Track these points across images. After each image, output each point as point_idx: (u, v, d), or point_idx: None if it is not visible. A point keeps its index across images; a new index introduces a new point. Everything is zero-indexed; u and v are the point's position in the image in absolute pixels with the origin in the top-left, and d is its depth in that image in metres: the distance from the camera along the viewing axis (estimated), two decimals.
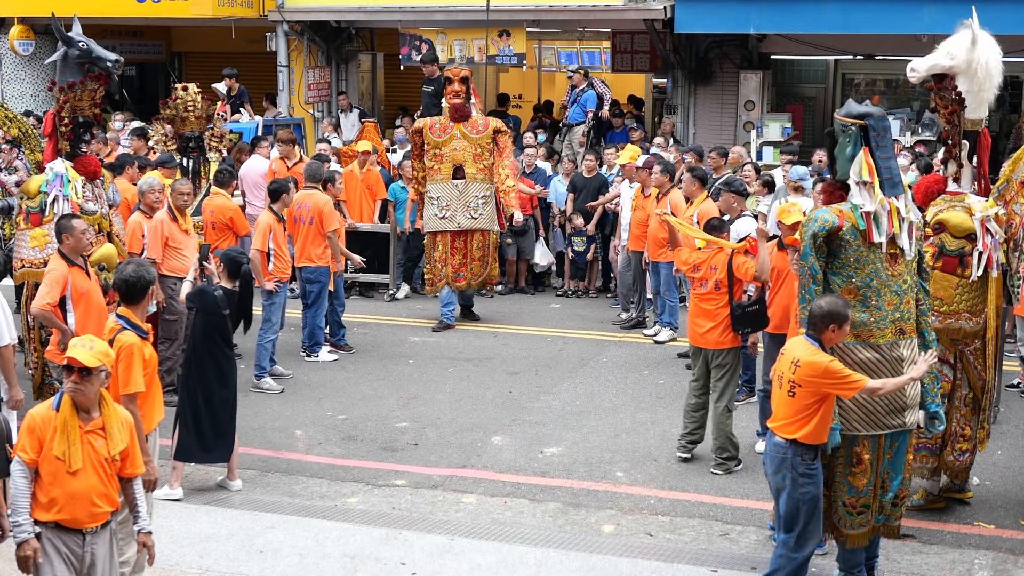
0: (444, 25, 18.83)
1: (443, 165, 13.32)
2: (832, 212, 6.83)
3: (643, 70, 20.67)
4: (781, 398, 6.66)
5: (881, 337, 6.84)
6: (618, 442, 9.86)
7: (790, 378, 6.57)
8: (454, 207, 13.29)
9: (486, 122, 13.60)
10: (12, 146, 14.35)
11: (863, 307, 6.84)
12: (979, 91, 7.47)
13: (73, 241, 8.49)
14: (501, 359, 12.42)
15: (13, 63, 21.71)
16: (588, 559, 7.57)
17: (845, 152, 6.96)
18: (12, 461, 5.67)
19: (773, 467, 6.70)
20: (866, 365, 6.80)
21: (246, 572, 7.34)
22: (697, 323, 9.42)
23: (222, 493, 8.78)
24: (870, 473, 6.87)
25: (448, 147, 13.33)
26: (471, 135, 13.35)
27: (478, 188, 13.32)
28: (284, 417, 10.50)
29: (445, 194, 13.29)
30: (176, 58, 25.33)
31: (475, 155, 13.33)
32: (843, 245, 6.83)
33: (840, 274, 6.88)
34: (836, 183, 7.14)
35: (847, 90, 20.78)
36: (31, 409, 5.81)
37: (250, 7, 19.77)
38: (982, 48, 7.45)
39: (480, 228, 13.39)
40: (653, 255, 12.81)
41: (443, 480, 9.08)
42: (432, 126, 13.42)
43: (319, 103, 20.57)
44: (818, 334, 6.60)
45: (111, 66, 9.53)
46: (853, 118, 6.93)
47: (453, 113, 13.38)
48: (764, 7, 16.37)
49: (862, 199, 6.82)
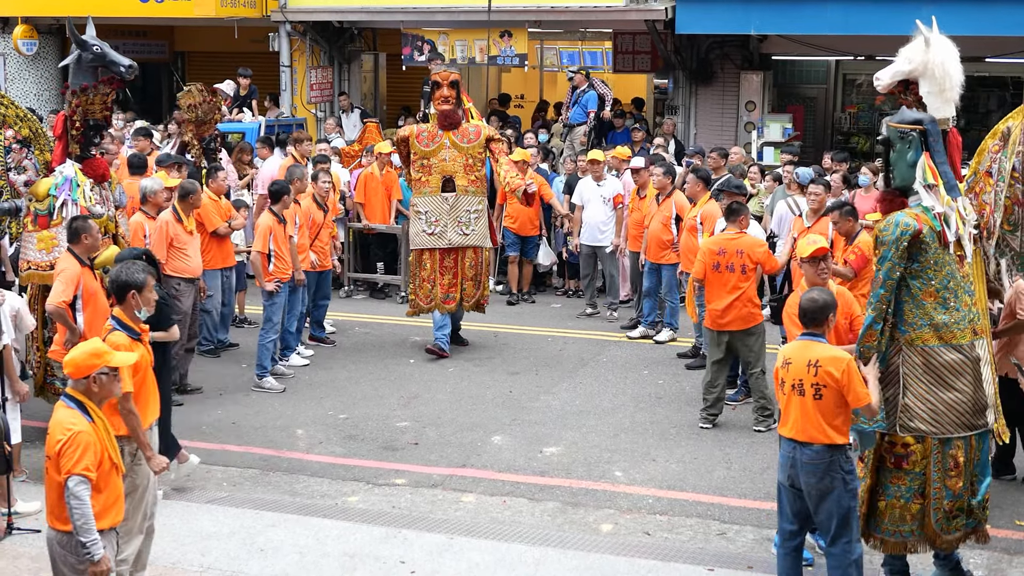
0: (446, 25, 18.88)
1: (431, 177, 12.20)
2: (909, 216, 6.77)
3: (644, 71, 20.71)
4: (805, 405, 6.52)
5: (962, 338, 6.81)
6: (617, 442, 9.91)
7: (813, 381, 6.48)
8: (444, 222, 12.16)
9: (478, 129, 12.37)
10: (22, 146, 14.40)
11: (943, 309, 6.79)
12: (940, 91, 7.53)
13: (91, 241, 8.65)
14: (501, 359, 12.47)
15: (17, 62, 21.77)
16: (586, 558, 7.61)
17: (905, 158, 6.93)
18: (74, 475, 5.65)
19: (818, 475, 6.50)
20: (951, 367, 6.77)
21: (247, 570, 7.40)
22: (719, 308, 10.05)
23: (223, 492, 8.84)
24: (965, 475, 6.86)
25: (437, 157, 12.19)
26: (462, 144, 12.20)
27: (469, 202, 12.25)
28: (285, 416, 10.56)
29: (434, 208, 12.17)
30: (179, 58, 25.38)
31: (466, 166, 12.22)
32: (923, 248, 6.76)
33: (920, 277, 6.81)
34: (894, 190, 7.10)
35: (848, 91, 20.86)
36: (61, 423, 5.74)
37: (253, 7, 19.83)
38: (936, 49, 7.52)
39: (472, 245, 12.29)
40: (655, 257, 12.86)
41: (443, 479, 9.13)
42: (419, 134, 12.26)
43: (321, 103, 20.63)
44: (821, 329, 6.59)
45: (124, 71, 9.53)
46: (910, 124, 6.94)
47: (442, 120, 12.19)
48: (765, 8, 16.41)
49: (932, 201, 6.81)
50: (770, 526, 8.19)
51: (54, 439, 5.68)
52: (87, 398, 5.81)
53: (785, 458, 6.72)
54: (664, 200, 12.74)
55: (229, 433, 10.14)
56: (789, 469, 6.69)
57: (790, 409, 6.64)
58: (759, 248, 10.13)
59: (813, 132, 20.39)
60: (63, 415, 5.77)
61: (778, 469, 6.86)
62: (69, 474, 5.60)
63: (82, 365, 5.80)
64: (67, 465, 5.61)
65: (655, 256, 12.86)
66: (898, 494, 6.88)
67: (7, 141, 10.39)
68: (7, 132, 9.77)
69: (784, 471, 6.74)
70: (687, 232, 12.09)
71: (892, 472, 6.91)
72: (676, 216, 12.60)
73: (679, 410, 10.71)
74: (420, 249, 12.31)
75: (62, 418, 5.75)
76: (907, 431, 6.81)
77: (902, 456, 6.87)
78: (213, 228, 11.96)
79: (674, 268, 12.81)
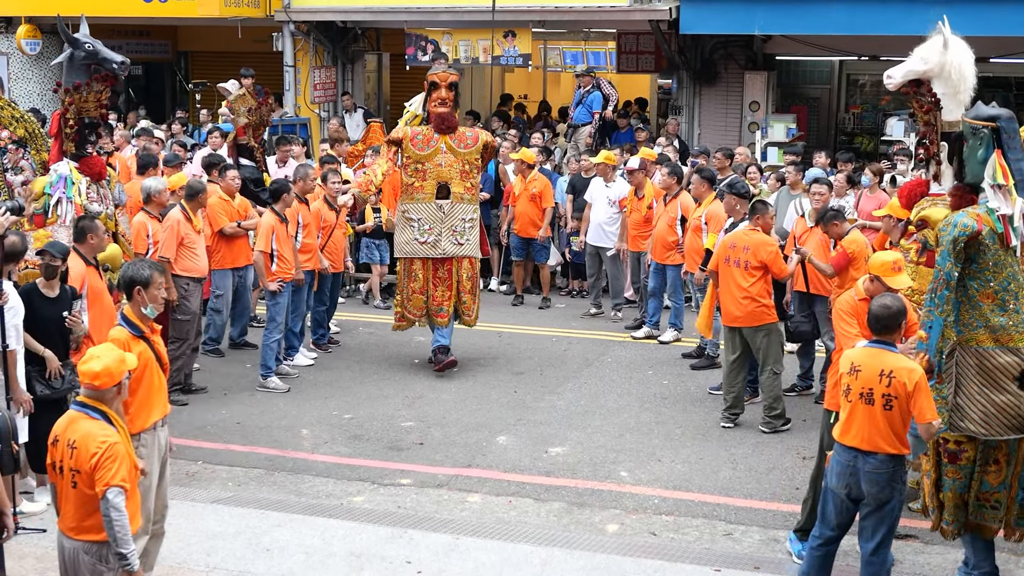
0: (450, 26, 18.86)
1: (426, 182, 11.57)
2: (970, 216, 6.69)
3: (648, 71, 20.68)
4: (873, 414, 6.41)
5: (1020, 340, 6.74)
6: (622, 442, 9.90)
7: (884, 392, 6.38)
8: (438, 231, 11.54)
9: (475, 134, 11.86)
10: (18, 146, 14.42)
11: (1001, 311, 6.72)
12: (955, 93, 7.53)
13: (97, 241, 8.67)
14: (506, 359, 12.47)
15: (20, 62, 21.76)
16: (592, 558, 7.61)
17: (976, 155, 6.87)
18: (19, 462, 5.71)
19: (880, 484, 6.46)
20: (1006, 369, 6.71)
21: (253, 570, 7.39)
22: (727, 305, 10.16)
23: (228, 492, 8.84)
24: (1006, 473, 6.85)
25: (432, 162, 11.55)
26: (458, 149, 11.61)
27: (464, 210, 11.64)
28: (290, 416, 10.56)
29: (427, 216, 11.54)
30: (182, 58, 25.38)
31: (462, 172, 11.62)
32: (982, 249, 6.69)
33: (978, 278, 6.74)
34: (965, 186, 7.06)
35: (852, 91, 20.84)
36: (94, 436, 5.63)
37: (256, 7, 19.82)
38: (954, 51, 7.50)
39: (467, 255, 11.72)
40: (660, 258, 12.86)
41: (448, 479, 9.13)
42: (414, 137, 11.59)
43: (325, 103, 20.63)
44: (893, 337, 6.48)
45: (117, 67, 9.55)
46: (984, 120, 6.85)
47: (438, 123, 11.57)
48: (769, 8, 16.39)
49: (998, 202, 6.73)
50: (777, 527, 8.20)
51: (88, 452, 5.57)
52: (107, 405, 5.76)
53: (844, 466, 6.58)
54: (670, 201, 12.74)
55: (234, 433, 10.14)
56: (848, 478, 6.55)
57: (855, 417, 6.51)
58: (767, 248, 10.10)
59: (817, 132, 20.36)
60: (92, 427, 5.66)
61: (831, 476, 6.70)
62: (108, 486, 5.54)
63: (115, 372, 5.74)
64: (105, 477, 5.55)
65: (660, 257, 12.86)
66: (954, 487, 6.91)
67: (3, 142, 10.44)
68: (2, 133, 9.78)
69: (842, 479, 6.59)
70: (692, 232, 12.09)
71: (947, 466, 6.92)
72: (681, 217, 12.61)
73: (684, 410, 10.70)
74: (410, 258, 11.70)
75: (93, 431, 5.64)
76: (956, 430, 6.78)
77: (956, 452, 6.87)
78: (219, 227, 11.96)
79: (679, 269, 12.81)
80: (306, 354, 12.26)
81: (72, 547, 5.75)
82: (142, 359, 6.69)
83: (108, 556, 5.66)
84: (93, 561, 5.70)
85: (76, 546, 5.73)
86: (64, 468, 5.67)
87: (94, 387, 5.72)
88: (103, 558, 5.68)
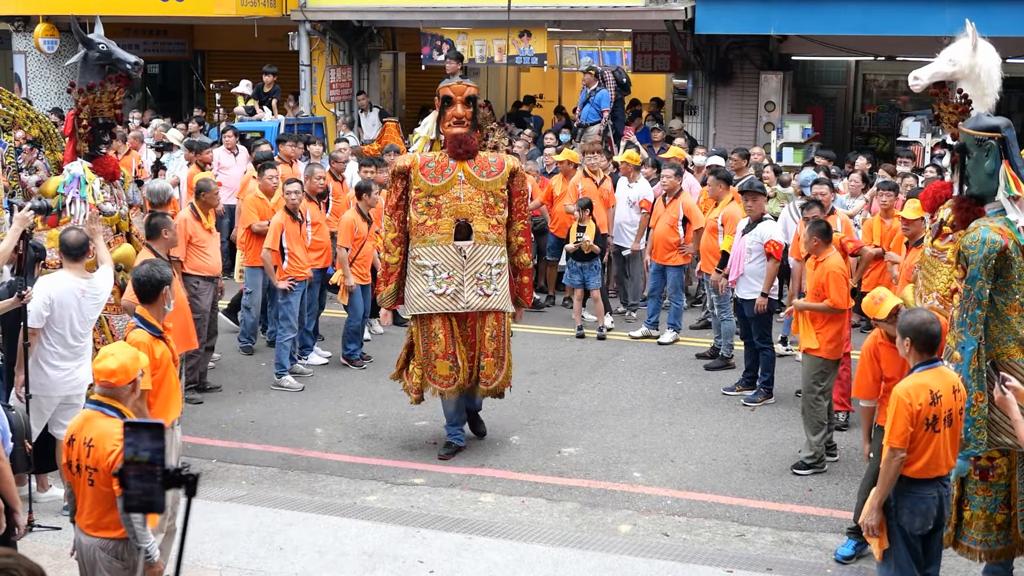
0: (465, 25, 18.90)
1: (442, 220, 9.24)
2: (994, 231, 6.57)
3: (664, 71, 20.70)
4: (952, 432, 6.04)
5: None
6: (635, 442, 9.90)
7: (959, 407, 6.06)
8: (458, 279, 9.21)
9: (500, 160, 9.45)
10: (33, 146, 14.50)
11: None
12: (982, 96, 7.50)
13: (170, 235, 9.25)
14: (519, 358, 12.38)
15: (38, 61, 21.89)
16: (605, 559, 7.61)
17: (983, 166, 6.77)
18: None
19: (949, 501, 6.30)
20: None
21: (266, 569, 7.42)
22: None
23: (242, 490, 8.88)
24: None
25: (448, 195, 9.23)
26: (480, 178, 9.30)
27: (490, 253, 9.32)
28: (304, 415, 10.59)
29: (444, 261, 9.22)
30: (199, 57, 25.50)
31: (486, 206, 9.30)
32: (1008, 263, 6.60)
33: (1004, 292, 6.63)
34: (971, 198, 6.94)
35: (867, 91, 20.80)
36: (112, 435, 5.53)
37: (273, 6, 19.90)
38: (983, 54, 7.47)
39: (495, 309, 9.36)
40: (661, 258, 12.86)
41: (461, 479, 9.14)
42: (424, 165, 9.28)
43: (341, 102, 20.69)
44: (936, 354, 6.12)
45: (130, 68, 9.58)
46: (986, 130, 6.77)
47: (454, 147, 9.27)
48: (785, 8, 16.39)
49: (1016, 214, 6.65)
50: (789, 528, 8.20)
51: (105, 451, 5.54)
52: (122, 403, 5.78)
53: (930, 502, 6.07)
54: (671, 201, 12.73)
55: (248, 431, 10.17)
56: (935, 511, 6.10)
57: (938, 446, 5.99)
58: None
59: (832, 133, 20.35)
60: (108, 425, 5.63)
61: (912, 521, 6.09)
62: None
63: (131, 370, 5.76)
64: None
65: (661, 257, 12.86)
66: (984, 505, 6.80)
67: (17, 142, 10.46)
68: (17, 133, 9.80)
69: (928, 517, 6.09)
70: (707, 233, 12.07)
71: (978, 484, 6.82)
72: (683, 218, 12.60)
73: (697, 411, 10.69)
74: (427, 316, 9.30)
75: (110, 429, 5.60)
76: (993, 445, 6.66)
77: (987, 468, 6.78)
78: (248, 224, 12.03)
79: (680, 270, 12.84)
80: (320, 353, 12.28)
81: (90, 544, 5.78)
82: (164, 359, 6.75)
83: (124, 553, 5.69)
84: (110, 558, 5.73)
85: (94, 543, 5.76)
86: (81, 467, 5.69)
87: (110, 384, 5.73)
88: (120, 555, 5.71)
